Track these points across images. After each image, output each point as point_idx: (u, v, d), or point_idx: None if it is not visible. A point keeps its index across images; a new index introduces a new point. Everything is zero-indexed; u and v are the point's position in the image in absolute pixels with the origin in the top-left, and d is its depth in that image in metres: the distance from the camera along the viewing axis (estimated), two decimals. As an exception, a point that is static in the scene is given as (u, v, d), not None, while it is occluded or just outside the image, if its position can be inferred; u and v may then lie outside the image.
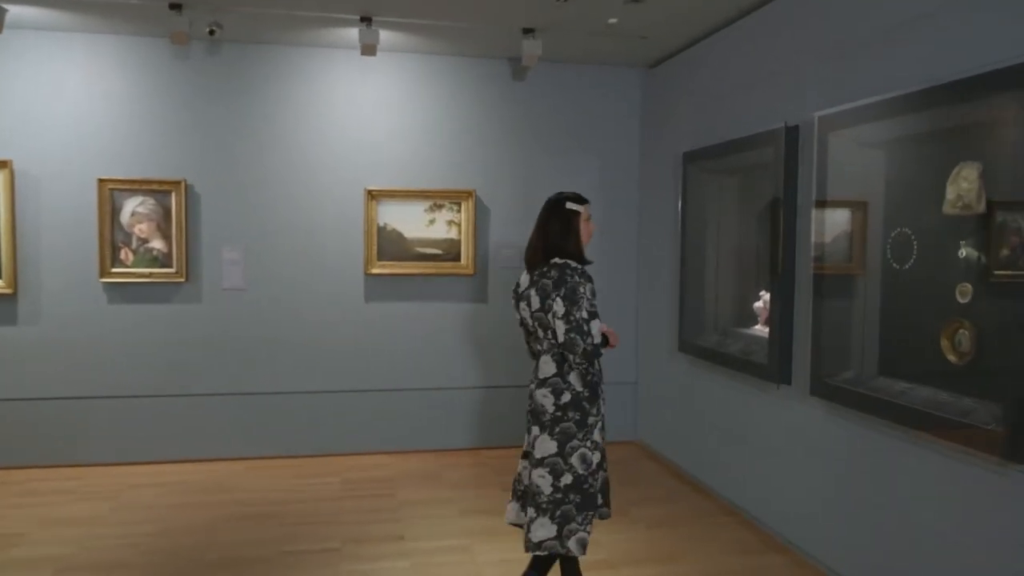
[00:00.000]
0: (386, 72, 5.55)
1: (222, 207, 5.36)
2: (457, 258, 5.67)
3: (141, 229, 5.22)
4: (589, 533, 2.96)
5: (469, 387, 5.80)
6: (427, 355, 5.72)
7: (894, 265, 3.28)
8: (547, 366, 3.01)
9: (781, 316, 3.99)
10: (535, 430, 3.00)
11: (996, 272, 3.22)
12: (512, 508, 3.18)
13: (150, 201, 5.21)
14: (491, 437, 5.84)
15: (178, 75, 5.26)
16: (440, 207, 5.64)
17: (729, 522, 4.38)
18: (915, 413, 3.05)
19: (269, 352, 5.49)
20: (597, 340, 2.93)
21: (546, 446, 2.94)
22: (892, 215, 3.39)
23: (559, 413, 2.95)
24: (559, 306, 2.92)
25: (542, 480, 2.94)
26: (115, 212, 5.17)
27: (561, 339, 2.90)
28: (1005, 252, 3.22)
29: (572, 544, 2.92)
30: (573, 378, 2.97)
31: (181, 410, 5.36)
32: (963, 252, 3.18)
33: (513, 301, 3.23)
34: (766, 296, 4.62)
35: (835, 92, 3.62)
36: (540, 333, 3.07)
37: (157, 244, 5.25)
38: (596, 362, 3.01)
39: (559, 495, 2.92)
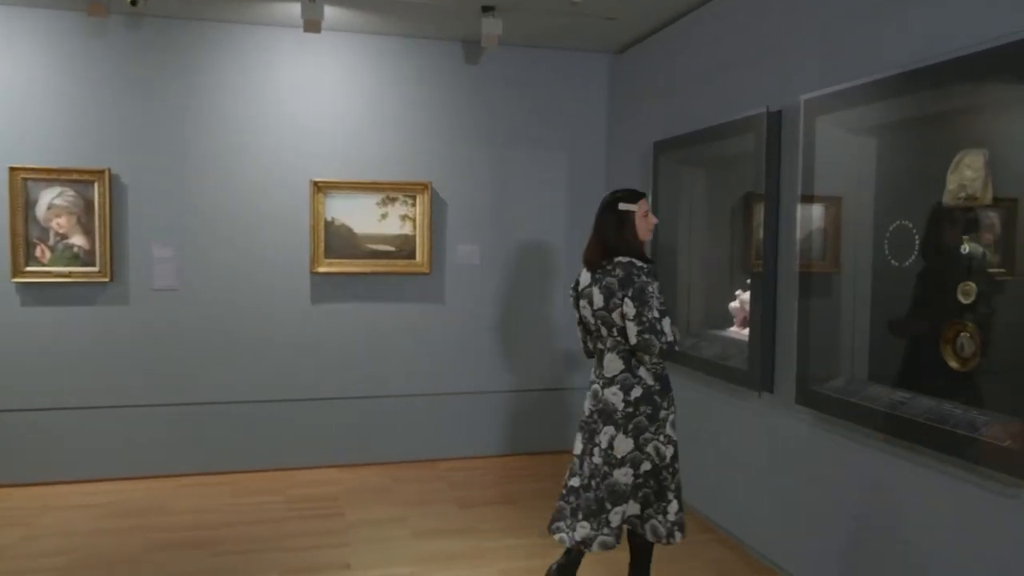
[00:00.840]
0: (332, 53, 5.11)
1: (151, 199, 4.87)
2: (412, 256, 5.27)
3: (59, 223, 4.71)
4: (665, 524, 3.03)
5: (424, 394, 5.40)
6: (379, 360, 5.31)
7: (893, 262, 2.98)
8: (613, 364, 3.01)
9: (763, 318, 3.67)
10: (608, 430, 2.97)
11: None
12: (562, 525, 3.10)
13: (69, 192, 4.71)
14: (448, 447, 5.45)
15: (97, 53, 4.75)
16: (393, 201, 5.23)
17: (707, 540, 4.05)
18: (915, 426, 2.74)
19: (205, 358, 5.01)
20: (670, 338, 2.93)
21: (624, 444, 2.95)
22: (888, 207, 3.09)
23: (630, 409, 2.95)
24: (629, 307, 2.92)
25: (624, 476, 2.96)
26: (29, 205, 4.66)
27: (634, 340, 2.91)
28: (807, 250, 2.96)
29: (647, 528, 3.05)
30: (643, 372, 2.98)
31: (107, 423, 4.87)
32: (966, 247, 2.88)
33: (572, 299, 3.24)
34: (743, 296, 4.31)
35: (823, 73, 3.30)
36: (604, 331, 3.05)
37: (78, 240, 4.75)
38: None
39: (640, 480, 2.98)
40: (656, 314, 2.91)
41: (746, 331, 4.24)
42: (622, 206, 3.12)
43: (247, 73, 4.99)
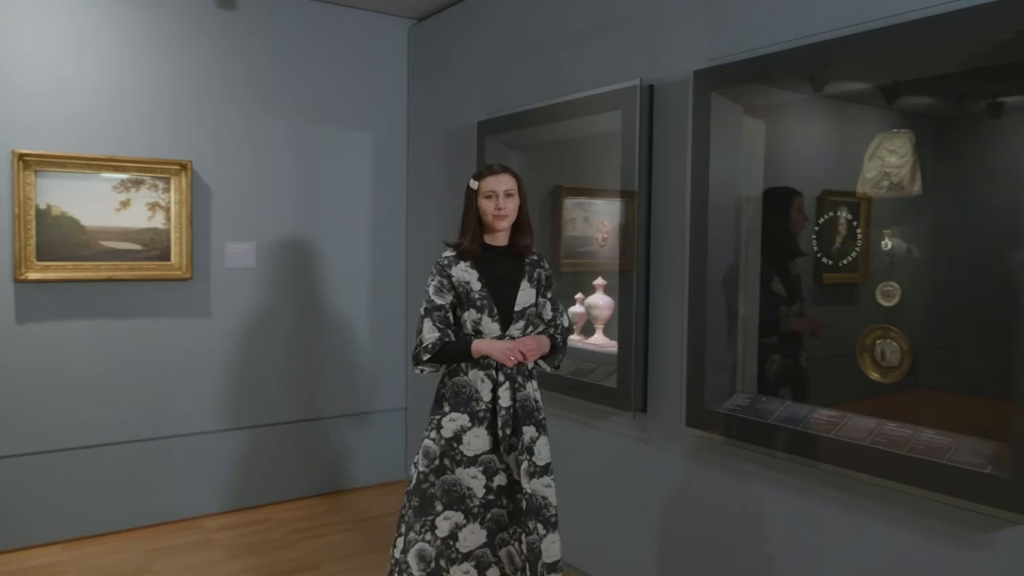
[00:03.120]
0: (46, -20, 3.74)
1: None
2: (165, 256, 4.05)
3: None
4: None
5: (184, 434, 4.19)
6: (120, 396, 4.01)
7: (824, 260, 2.58)
8: None
9: (635, 326, 3.14)
10: (530, 431, 2.65)
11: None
12: (477, 534, 2.63)
13: None
14: (217, 499, 4.30)
15: None
16: (138, 185, 3.97)
17: (565, 589, 3.45)
18: (857, 453, 2.35)
19: None
20: (424, 342, 2.63)
21: (547, 451, 2.70)
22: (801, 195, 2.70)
23: (544, 413, 2.75)
24: None
25: (549, 490, 2.67)
26: None
27: None
28: (699, 247, 2.71)
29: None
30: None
31: None
32: (887, 243, 2.56)
33: None
34: (591, 299, 3.78)
35: (718, 41, 2.83)
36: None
37: None
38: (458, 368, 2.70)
39: (558, 509, 2.72)
40: (421, 311, 2.68)
41: (603, 340, 3.72)
42: (470, 183, 2.75)
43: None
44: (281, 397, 4.47)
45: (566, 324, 2.84)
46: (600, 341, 3.74)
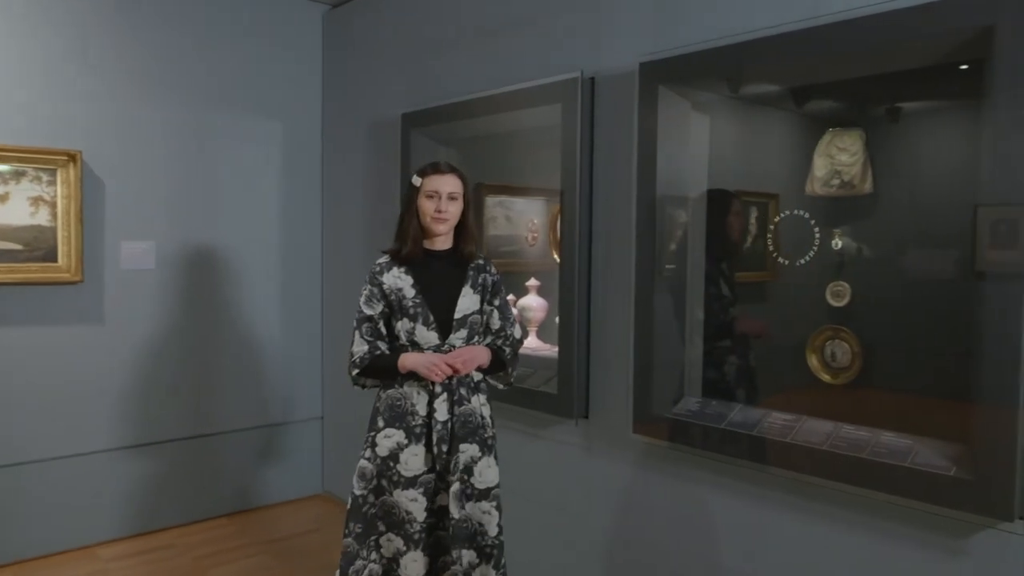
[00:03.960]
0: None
1: None
2: (51, 257, 3.63)
3: None
4: None
5: (75, 454, 3.77)
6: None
7: (780, 260, 2.51)
8: None
9: (577, 329, 3.01)
10: (471, 450, 2.47)
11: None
12: (419, 562, 2.42)
13: None
14: (118, 525, 3.90)
15: None
16: (19, 176, 3.54)
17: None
18: (816, 456, 2.29)
19: None
20: (355, 357, 2.47)
21: (491, 473, 2.51)
22: (754, 193, 2.64)
23: (494, 431, 2.58)
24: None
25: (488, 517, 2.48)
26: None
27: None
28: (646, 247, 2.67)
29: None
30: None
31: None
32: (838, 242, 2.53)
33: None
34: (524, 301, 3.64)
35: (664, 32, 2.72)
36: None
37: None
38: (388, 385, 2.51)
39: (502, 538, 2.52)
40: (353, 323, 2.52)
41: (536, 343, 3.58)
42: (413, 179, 2.54)
43: None
44: (184, 410, 4.10)
45: (518, 335, 2.66)
46: (534, 344, 3.60)
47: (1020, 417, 1.87)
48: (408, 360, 2.41)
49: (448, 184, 2.48)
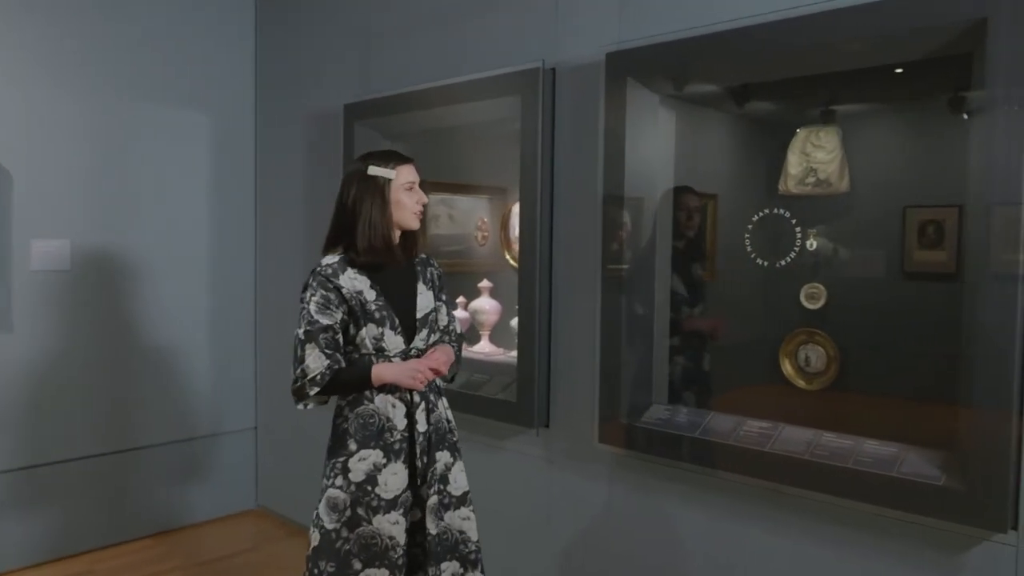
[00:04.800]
0: None
1: None
2: (-51, 257, 3.26)
3: None
4: None
5: (-20, 476, 3.42)
6: None
7: (759, 261, 2.40)
8: None
9: (538, 334, 2.85)
10: (444, 457, 2.30)
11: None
12: None
13: None
14: (30, 551, 3.55)
15: None
16: (-90, 166, 3.17)
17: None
18: (798, 466, 2.19)
19: None
20: (306, 373, 2.16)
21: (463, 478, 2.37)
22: (734, 194, 2.54)
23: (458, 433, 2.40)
24: None
25: (468, 523, 2.34)
26: None
27: None
28: (613, 246, 2.57)
29: None
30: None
31: None
32: (812, 243, 2.45)
33: None
34: (476, 303, 3.47)
35: (632, 19, 2.59)
36: None
37: None
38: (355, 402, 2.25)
39: (480, 543, 2.37)
40: (301, 334, 2.19)
41: (489, 348, 3.42)
42: (374, 170, 2.24)
43: None
44: (101, 424, 3.77)
45: (459, 330, 2.50)
46: (487, 349, 3.44)
47: (1014, 423, 1.81)
48: (386, 373, 2.17)
49: (417, 174, 2.31)
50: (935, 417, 2.13)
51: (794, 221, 2.34)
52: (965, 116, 2.11)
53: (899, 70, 2.18)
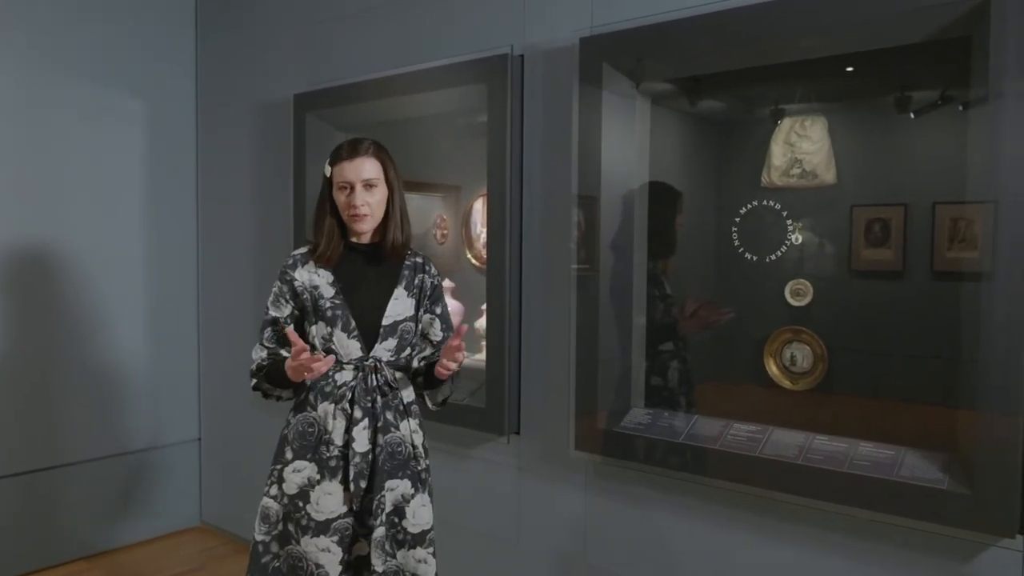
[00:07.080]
0: None
1: None
2: None
3: None
4: None
5: None
6: None
7: (747, 256, 2.29)
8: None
9: (508, 336, 2.69)
10: (401, 486, 2.10)
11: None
12: None
13: None
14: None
15: None
16: None
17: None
18: (790, 471, 2.08)
19: None
20: (253, 364, 2.13)
21: (426, 514, 2.15)
22: (716, 188, 2.43)
23: (428, 463, 2.21)
24: None
25: (424, 567, 2.11)
26: None
27: None
28: (587, 243, 2.47)
29: None
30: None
31: None
32: (797, 237, 2.35)
33: None
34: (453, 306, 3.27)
35: (607, 3, 2.45)
36: None
37: None
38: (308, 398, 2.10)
39: None
40: (262, 324, 2.18)
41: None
42: (324, 167, 2.17)
43: None
44: (25, 440, 3.46)
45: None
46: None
47: (1022, 424, 1.73)
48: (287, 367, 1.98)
49: (363, 170, 2.07)
50: (930, 418, 2.05)
51: (785, 213, 2.23)
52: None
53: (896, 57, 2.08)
